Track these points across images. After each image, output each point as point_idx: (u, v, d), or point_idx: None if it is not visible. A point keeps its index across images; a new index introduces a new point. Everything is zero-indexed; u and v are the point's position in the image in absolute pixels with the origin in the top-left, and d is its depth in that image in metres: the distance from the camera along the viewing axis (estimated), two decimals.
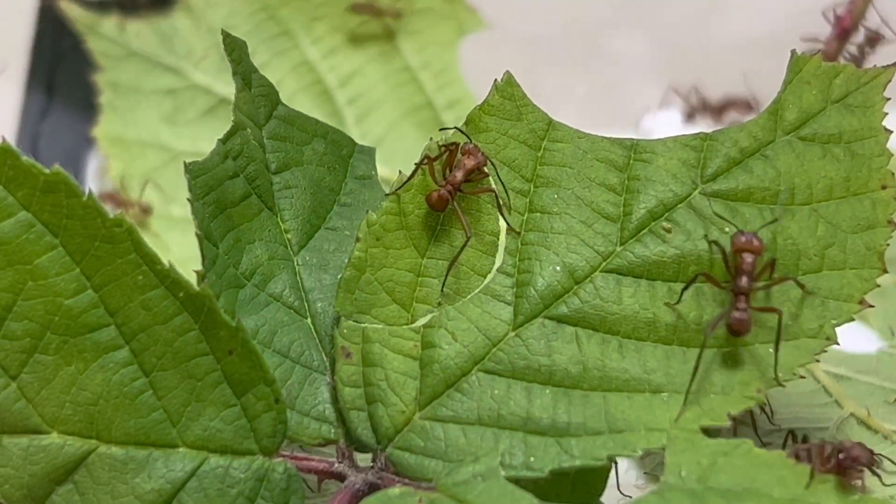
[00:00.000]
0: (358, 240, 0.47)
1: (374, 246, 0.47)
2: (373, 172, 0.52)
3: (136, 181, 0.73)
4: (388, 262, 0.47)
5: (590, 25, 0.80)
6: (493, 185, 0.48)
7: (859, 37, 0.65)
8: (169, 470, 0.44)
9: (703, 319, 0.46)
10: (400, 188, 0.48)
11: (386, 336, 0.46)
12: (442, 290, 0.47)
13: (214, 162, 0.47)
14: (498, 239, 0.48)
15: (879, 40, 0.65)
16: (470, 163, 0.47)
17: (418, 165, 0.48)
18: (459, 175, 0.47)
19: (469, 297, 0.47)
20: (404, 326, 0.47)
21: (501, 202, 0.48)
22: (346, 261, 0.47)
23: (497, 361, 0.46)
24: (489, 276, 0.47)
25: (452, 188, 0.47)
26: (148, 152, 0.74)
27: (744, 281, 0.45)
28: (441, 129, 0.49)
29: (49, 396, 0.44)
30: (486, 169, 0.48)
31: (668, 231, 0.47)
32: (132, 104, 0.74)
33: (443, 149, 0.48)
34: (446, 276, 0.47)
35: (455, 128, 0.48)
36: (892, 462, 0.49)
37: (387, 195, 0.48)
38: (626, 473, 0.54)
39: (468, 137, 0.48)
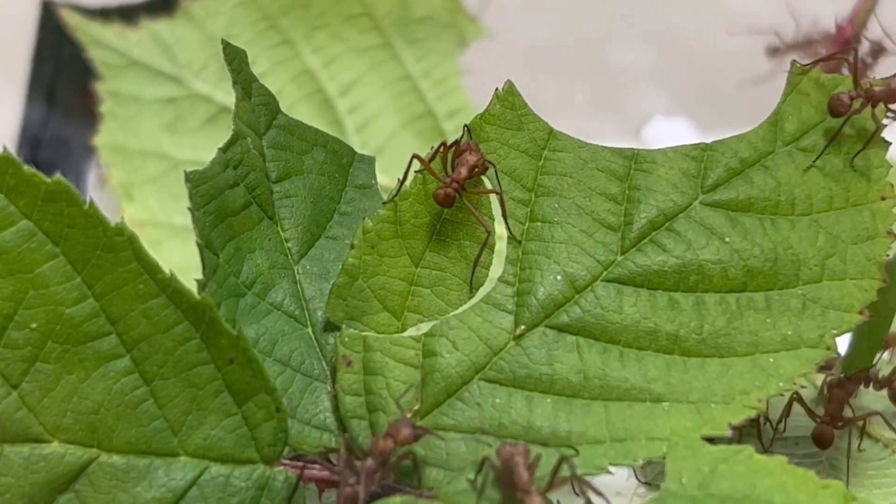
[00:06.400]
0: (352, 246, 0.47)
1: (369, 253, 0.47)
2: (373, 181, 0.52)
3: (137, 190, 0.73)
4: (381, 270, 0.47)
5: (590, 35, 0.80)
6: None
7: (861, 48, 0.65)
8: (170, 479, 0.44)
9: (704, 329, 0.46)
10: (395, 196, 0.48)
11: (387, 345, 0.47)
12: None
13: (215, 171, 0.47)
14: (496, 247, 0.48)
15: (882, 52, 0.65)
16: (472, 158, 0.47)
17: (407, 172, 0.48)
18: (464, 171, 0.47)
19: (470, 306, 0.47)
20: (405, 335, 0.47)
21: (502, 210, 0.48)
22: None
23: (498, 370, 0.46)
24: (490, 285, 0.47)
25: (458, 185, 0.47)
26: (149, 161, 0.74)
27: None
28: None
29: (50, 405, 0.44)
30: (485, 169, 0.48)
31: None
32: (133, 113, 0.74)
33: (436, 149, 0.48)
34: (472, 274, 0.47)
35: (466, 128, 0.48)
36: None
37: (384, 203, 0.48)
38: (627, 482, 0.54)
39: (469, 135, 0.48)
